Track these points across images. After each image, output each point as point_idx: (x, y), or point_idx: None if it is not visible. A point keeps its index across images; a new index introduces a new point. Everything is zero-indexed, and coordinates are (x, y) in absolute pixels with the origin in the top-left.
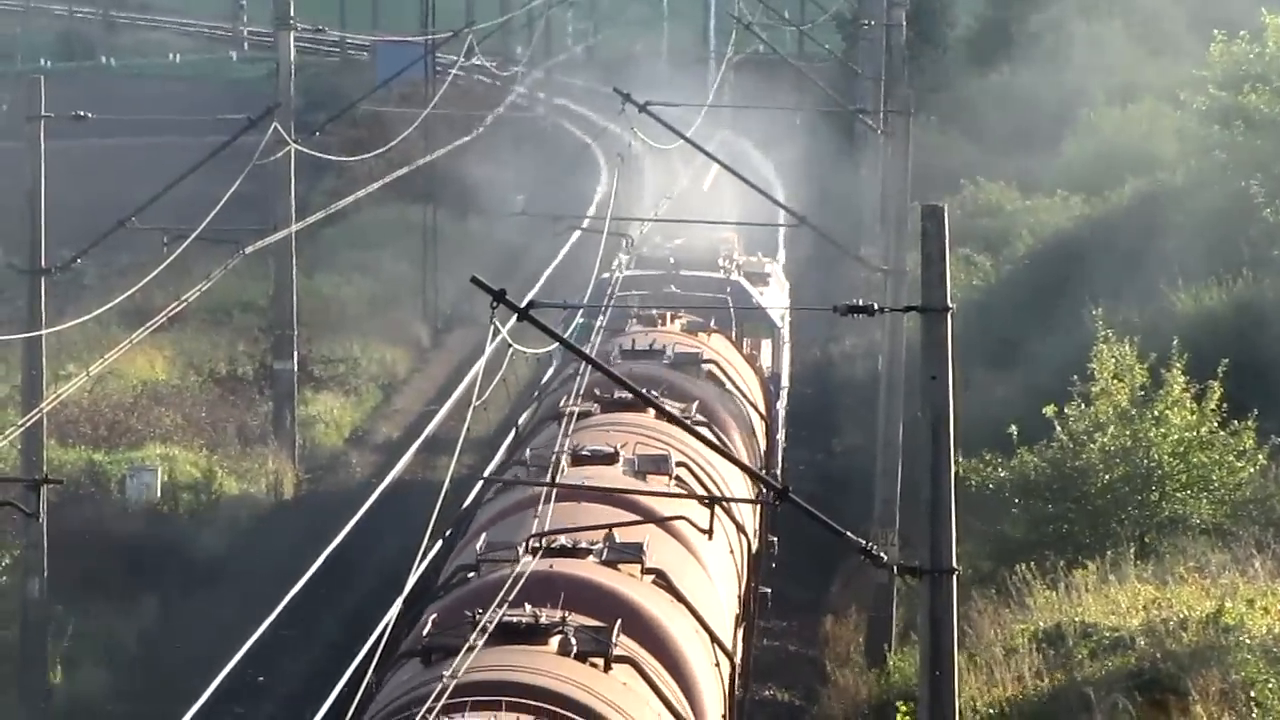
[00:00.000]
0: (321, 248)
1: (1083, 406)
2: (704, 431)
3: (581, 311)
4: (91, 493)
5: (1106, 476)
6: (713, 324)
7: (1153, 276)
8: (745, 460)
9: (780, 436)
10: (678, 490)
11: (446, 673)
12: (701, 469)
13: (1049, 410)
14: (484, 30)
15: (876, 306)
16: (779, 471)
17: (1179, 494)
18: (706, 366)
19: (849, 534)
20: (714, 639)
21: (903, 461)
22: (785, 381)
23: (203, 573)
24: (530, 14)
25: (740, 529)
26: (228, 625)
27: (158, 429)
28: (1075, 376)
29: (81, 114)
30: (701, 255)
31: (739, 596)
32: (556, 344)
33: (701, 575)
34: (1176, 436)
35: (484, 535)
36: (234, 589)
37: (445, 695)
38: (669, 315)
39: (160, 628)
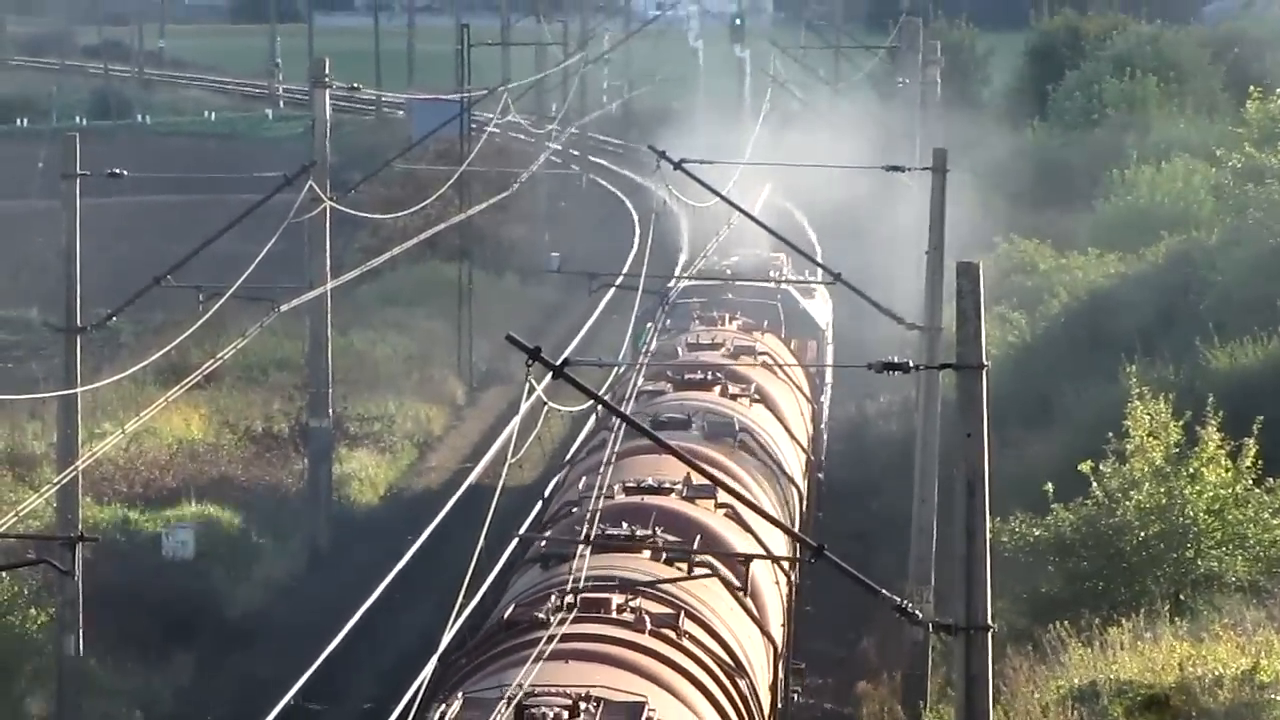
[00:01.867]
0: (357, 305)
1: (1118, 464)
2: (759, 408)
3: (643, 314)
4: (127, 550)
5: (1141, 533)
6: (765, 325)
7: (1188, 334)
8: (795, 430)
9: (824, 426)
10: (739, 458)
11: (563, 573)
12: (759, 434)
13: (1084, 467)
14: (519, 88)
15: (912, 364)
16: (823, 458)
17: (1214, 551)
18: (761, 357)
19: (884, 591)
20: (774, 561)
21: (938, 518)
22: (829, 377)
23: (238, 630)
24: (565, 71)
25: (792, 480)
26: (263, 683)
27: (193, 487)
28: (1110, 434)
29: (117, 171)
30: (754, 268)
31: (795, 522)
32: (592, 401)
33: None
34: (1211, 494)
35: (584, 479)
36: (269, 647)
37: (571, 583)
38: (727, 316)
39: (196, 685)
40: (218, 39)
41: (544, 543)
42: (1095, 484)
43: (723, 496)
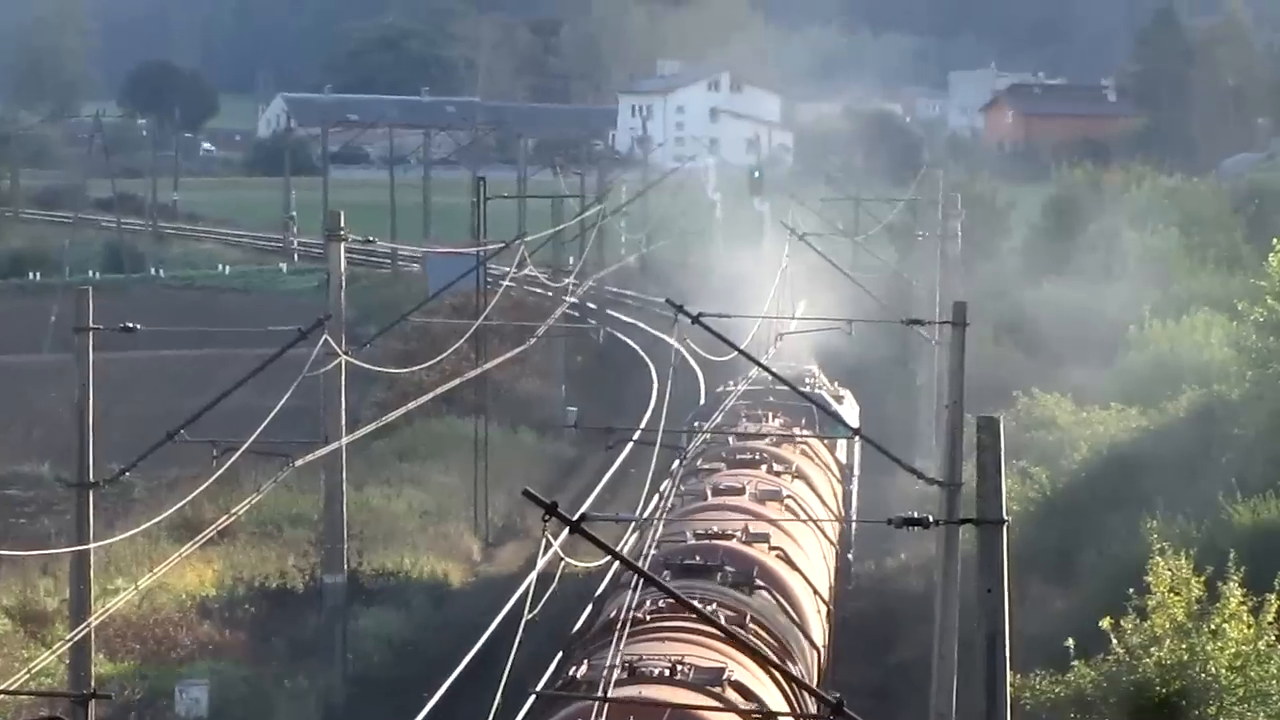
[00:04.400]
0: (372, 460)
1: (1139, 620)
2: (800, 483)
3: (695, 414)
4: (140, 708)
5: (1163, 690)
6: (802, 423)
7: (1210, 489)
8: (829, 503)
9: (852, 511)
10: (785, 516)
11: (651, 591)
12: (801, 500)
13: (1105, 623)
14: (535, 240)
15: (932, 519)
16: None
17: (1236, 708)
18: (799, 446)
19: None
20: (815, 591)
21: (958, 675)
22: (856, 471)
23: None
24: (582, 224)
25: (828, 536)
26: None
27: (207, 643)
28: (1131, 590)
29: (129, 326)
30: (792, 377)
31: (829, 571)
32: (609, 556)
33: (807, 557)
34: (1234, 650)
35: (661, 528)
36: None
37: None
38: (770, 415)
39: None
40: (232, 192)
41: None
42: (1116, 640)
43: (774, 541)
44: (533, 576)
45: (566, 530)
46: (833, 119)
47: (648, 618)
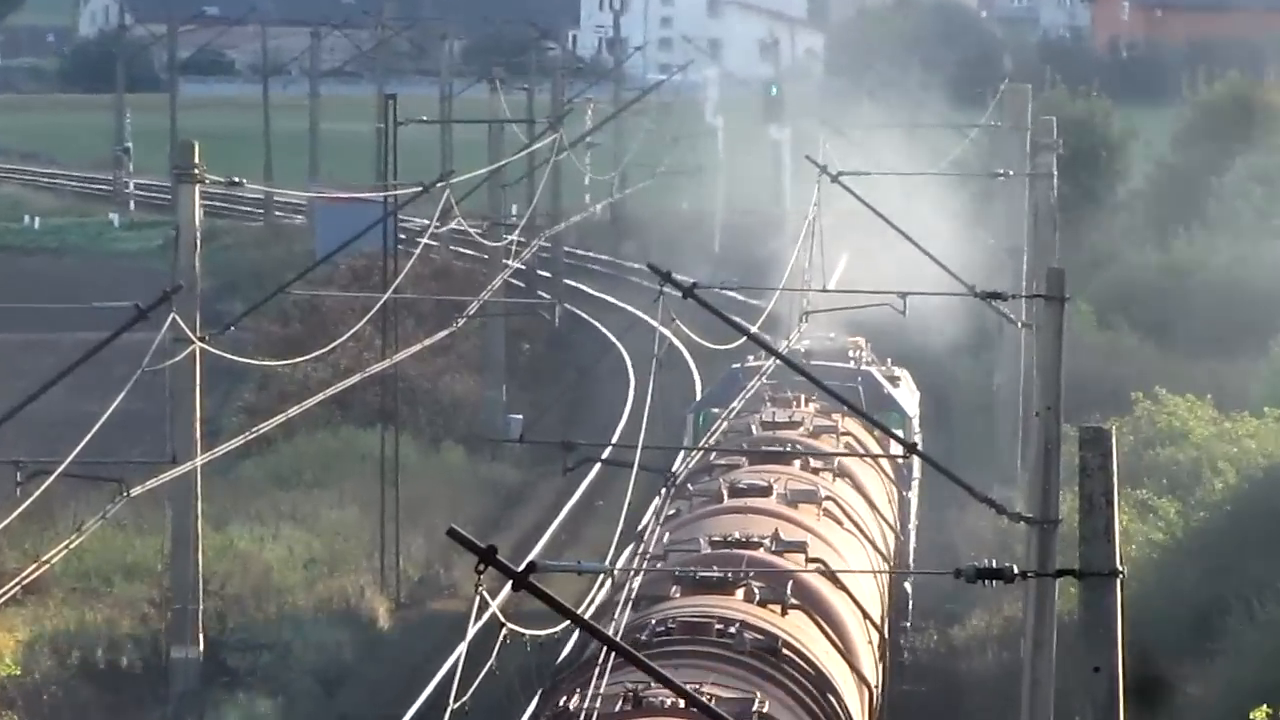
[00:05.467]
0: (238, 488)
1: None
2: (843, 483)
3: (707, 396)
4: None
5: None
6: (846, 409)
7: None
8: (880, 508)
9: (912, 514)
10: (825, 524)
11: (658, 609)
12: (844, 504)
13: (1258, 715)
14: (466, 182)
15: (1016, 570)
16: (911, 546)
17: None
18: (844, 438)
19: None
20: (865, 615)
21: None
22: (916, 472)
23: None
24: (531, 159)
25: (879, 551)
26: None
27: None
28: None
29: None
30: (833, 350)
31: (882, 593)
32: (570, 620)
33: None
34: None
35: (668, 534)
36: None
37: (667, 625)
38: (803, 398)
39: None
40: (43, 115)
41: (635, 588)
42: None
43: (811, 552)
44: (462, 648)
45: (509, 585)
46: (878, 14)
47: (653, 639)
